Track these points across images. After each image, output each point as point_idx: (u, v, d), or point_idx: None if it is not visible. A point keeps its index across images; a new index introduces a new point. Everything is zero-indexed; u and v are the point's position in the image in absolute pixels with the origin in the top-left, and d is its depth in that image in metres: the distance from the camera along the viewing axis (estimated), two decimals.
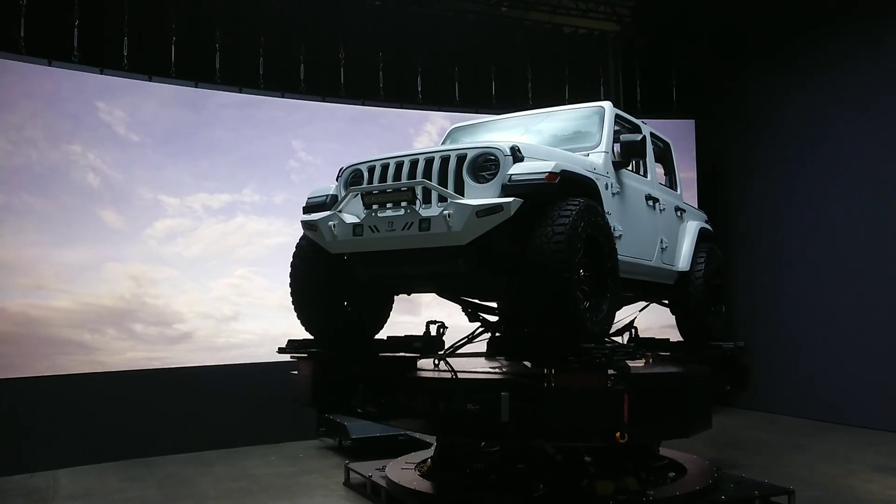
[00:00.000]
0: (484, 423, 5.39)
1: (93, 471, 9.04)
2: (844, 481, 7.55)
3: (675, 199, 7.71)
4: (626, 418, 5.13)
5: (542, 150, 5.71)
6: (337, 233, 5.62)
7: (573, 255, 5.04)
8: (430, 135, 12.15)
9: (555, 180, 5.11)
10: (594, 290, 5.42)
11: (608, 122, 6.44)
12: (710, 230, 8.32)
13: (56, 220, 9.68)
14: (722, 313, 8.19)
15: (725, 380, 7.74)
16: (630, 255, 6.32)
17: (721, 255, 8.28)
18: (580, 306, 5.12)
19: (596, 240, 5.34)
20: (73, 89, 9.90)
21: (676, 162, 8.05)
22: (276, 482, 8.36)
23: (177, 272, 10.44)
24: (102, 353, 9.85)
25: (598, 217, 5.40)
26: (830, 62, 11.20)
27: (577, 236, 5.07)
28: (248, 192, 11.04)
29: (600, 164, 6.08)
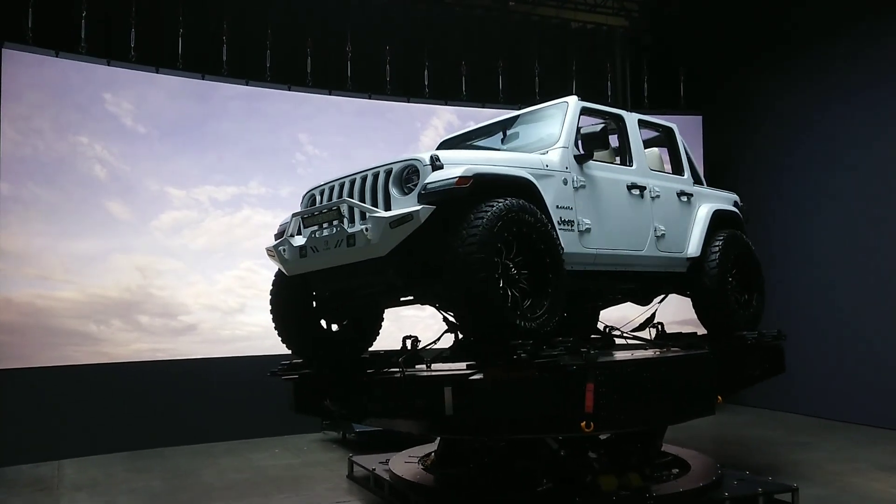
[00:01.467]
0: (431, 419, 5.53)
1: (98, 461, 9.08)
2: (849, 479, 7.53)
3: (680, 183, 7.42)
4: (591, 408, 5.27)
5: (472, 156, 5.82)
6: (287, 256, 5.92)
7: (489, 255, 5.10)
8: (437, 129, 12.13)
9: (466, 184, 5.19)
10: (533, 287, 5.45)
11: (570, 117, 6.43)
12: (735, 212, 7.92)
13: (63, 210, 9.71)
14: (751, 302, 7.69)
15: (754, 365, 7.57)
16: (606, 247, 6.29)
17: (746, 240, 7.79)
18: (505, 305, 5.18)
19: (528, 238, 5.38)
20: (80, 80, 9.92)
21: (684, 146, 7.79)
22: (280, 474, 8.38)
23: (183, 264, 10.46)
24: (108, 344, 9.89)
25: (528, 215, 5.37)
26: (838, 57, 11.13)
27: (493, 237, 5.13)
28: (255, 185, 11.05)
29: (556, 160, 6.10)
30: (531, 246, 5.40)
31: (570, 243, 5.91)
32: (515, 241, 5.30)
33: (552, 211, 5.81)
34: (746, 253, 7.69)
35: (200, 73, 10.78)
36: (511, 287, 5.28)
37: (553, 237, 5.57)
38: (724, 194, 8.09)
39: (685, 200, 7.34)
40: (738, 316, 7.47)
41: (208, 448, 9.79)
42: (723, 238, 7.39)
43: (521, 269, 5.38)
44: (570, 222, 6.00)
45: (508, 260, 5.29)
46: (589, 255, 6.15)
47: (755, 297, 7.76)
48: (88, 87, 9.98)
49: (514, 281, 5.32)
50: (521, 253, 5.35)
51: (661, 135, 7.81)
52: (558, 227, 5.82)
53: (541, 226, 5.46)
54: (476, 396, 5.18)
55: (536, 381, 5.20)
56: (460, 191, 5.19)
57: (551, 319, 5.49)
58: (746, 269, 7.66)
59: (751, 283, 7.72)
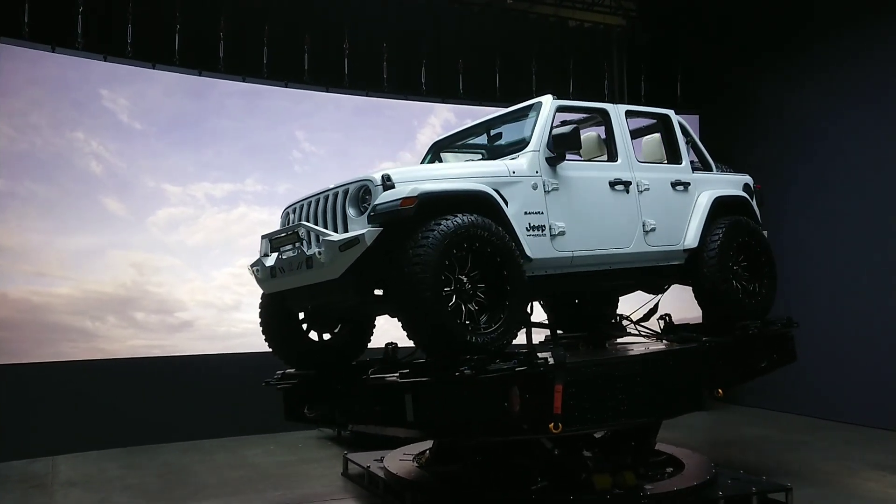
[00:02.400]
0: (395, 423, 5.62)
1: (92, 457, 9.08)
2: (843, 479, 7.55)
3: (676, 172, 7.20)
4: (559, 409, 5.36)
5: (427, 172, 5.81)
6: (261, 276, 6.13)
7: (434, 274, 5.14)
8: (434, 127, 12.13)
9: (410, 205, 5.23)
10: (492, 300, 5.49)
11: (542, 118, 6.34)
12: (742, 197, 7.64)
13: (59, 206, 9.70)
14: (759, 291, 7.42)
15: (761, 356, 7.37)
16: (584, 248, 6.25)
17: (753, 226, 7.50)
18: (453, 322, 5.22)
19: (482, 252, 5.40)
20: (76, 76, 9.91)
21: (688, 132, 7.56)
22: (275, 472, 8.38)
23: (179, 261, 10.46)
24: (104, 340, 9.89)
25: (480, 229, 5.38)
26: (837, 56, 11.13)
27: (440, 255, 5.17)
28: (251, 182, 11.04)
29: (524, 165, 6.07)
30: (486, 260, 5.43)
31: (541, 248, 5.92)
32: (470, 256, 5.35)
33: (520, 218, 5.83)
34: (753, 239, 7.42)
35: (197, 70, 10.77)
36: (466, 302, 5.36)
37: (511, 249, 5.53)
38: (732, 178, 7.81)
39: (681, 190, 7.14)
40: (743, 305, 7.23)
41: (203, 444, 9.79)
42: (724, 226, 7.17)
43: (477, 283, 5.43)
44: (540, 227, 5.97)
45: (463, 275, 5.36)
46: (564, 258, 6.12)
47: (764, 285, 7.50)
48: (85, 83, 9.97)
49: (470, 296, 5.40)
50: (476, 267, 5.41)
51: (656, 123, 7.61)
52: (527, 233, 5.84)
53: (496, 239, 5.44)
54: (436, 403, 5.29)
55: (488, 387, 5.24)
56: (406, 211, 5.24)
57: (509, 331, 5.53)
58: (754, 255, 7.42)
59: (760, 270, 7.47)
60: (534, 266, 5.91)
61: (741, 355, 7.18)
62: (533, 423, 5.45)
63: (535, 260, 5.86)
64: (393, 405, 5.48)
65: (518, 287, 5.55)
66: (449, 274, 5.29)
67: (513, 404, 5.30)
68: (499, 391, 5.28)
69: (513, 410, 5.30)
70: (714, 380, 6.83)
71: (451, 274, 5.31)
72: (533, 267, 5.90)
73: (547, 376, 5.47)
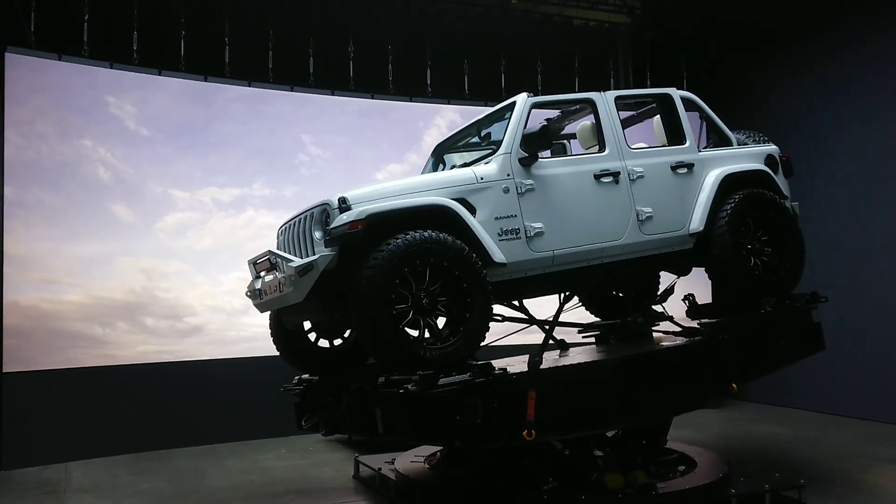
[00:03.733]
0: (370, 434, 5.79)
1: (104, 463, 9.11)
2: (856, 475, 7.51)
3: (678, 154, 6.95)
4: (532, 416, 5.45)
5: (386, 190, 5.81)
6: (251, 298, 6.39)
7: (384, 293, 5.24)
8: (440, 128, 12.13)
9: (358, 228, 5.33)
10: (454, 312, 5.53)
11: (513, 119, 6.29)
12: (760, 170, 7.25)
13: (67, 214, 9.74)
14: (783, 265, 7.02)
15: (781, 344, 6.99)
16: (567, 245, 6.19)
17: (770, 197, 7.08)
18: (405, 339, 5.33)
19: (439, 266, 5.44)
20: (83, 84, 9.95)
21: (683, 112, 7.21)
22: (286, 475, 8.39)
23: (187, 266, 10.49)
24: (114, 346, 9.92)
25: (434, 244, 5.41)
26: (843, 55, 11.09)
27: (389, 274, 5.25)
28: (258, 186, 11.06)
29: (494, 170, 6.04)
30: (444, 274, 5.46)
31: (515, 252, 5.90)
32: (428, 271, 5.40)
33: (490, 224, 5.83)
34: (772, 211, 7.04)
35: (203, 75, 10.80)
36: (425, 316, 5.43)
37: (470, 261, 5.51)
38: (752, 150, 7.46)
39: (684, 172, 6.88)
40: (762, 282, 6.88)
41: (214, 449, 9.81)
42: (733, 202, 6.84)
43: (437, 297, 5.47)
44: (514, 231, 5.93)
45: (422, 290, 5.41)
46: (544, 258, 6.07)
47: (789, 258, 7.07)
48: (91, 91, 10.02)
49: (428, 310, 5.45)
50: (435, 281, 5.45)
51: (655, 106, 7.45)
52: (499, 238, 5.84)
53: (452, 252, 5.45)
54: (401, 415, 5.45)
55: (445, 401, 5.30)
56: (355, 234, 5.33)
57: (470, 342, 5.53)
58: (775, 228, 7.05)
59: (784, 243, 7.07)
60: (510, 270, 5.91)
61: (759, 343, 6.85)
62: (507, 431, 5.51)
63: (511, 264, 5.86)
64: (367, 416, 5.67)
65: (479, 299, 5.55)
66: (405, 290, 5.35)
67: (473, 415, 5.36)
68: (455, 404, 5.32)
69: (473, 421, 5.37)
70: (725, 374, 6.58)
71: (409, 290, 5.37)
72: (509, 271, 5.91)
73: (518, 385, 5.54)
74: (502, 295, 6.35)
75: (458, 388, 5.26)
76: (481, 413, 5.38)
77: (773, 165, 7.45)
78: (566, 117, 7.30)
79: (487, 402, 5.42)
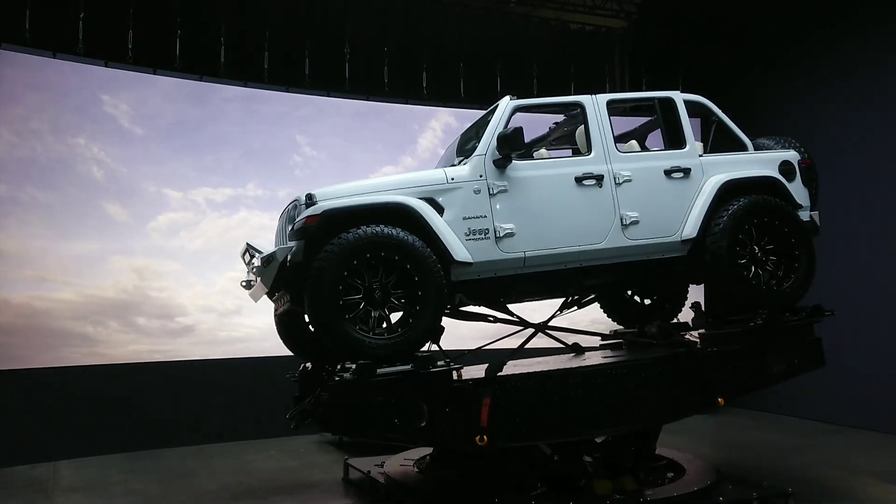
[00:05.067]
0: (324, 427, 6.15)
1: (94, 462, 9.09)
2: (845, 484, 7.52)
3: (674, 159, 6.82)
4: (485, 422, 5.67)
5: (352, 188, 6.10)
6: (245, 287, 6.53)
7: (333, 283, 5.54)
8: (435, 131, 12.14)
9: (314, 222, 5.69)
10: (403, 306, 5.76)
11: (493, 121, 6.42)
12: (769, 177, 6.97)
13: (60, 212, 9.72)
14: (787, 276, 6.78)
15: (776, 359, 6.75)
16: (540, 247, 6.25)
17: (777, 204, 6.79)
18: (351, 328, 5.57)
19: (390, 260, 5.69)
20: (77, 82, 9.93)
21: (685, 116, 7.01)
22: (276, 477, 8.38)
23: (180, 265, 10.47)
24: (105, 345, 9.90)
25: (386, 239, 5.66)
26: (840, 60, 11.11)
27: (337, 265, 5.55)
28: (252, 187, 11.05)
29: (465, 171, 6.22)
30: (396, 268, 5.71)
31: (483, 252, 6.04)
32: (381, 265, 5.68)
33: (458, 223, 6.01)
34: (778, 220, 6.76)
35: (198, 75, 10.79)
36: (376, 308, 5.68)
37: (423, 256, 5.71)
38: (766, 156, 7.19)
39: (680, 177, 6.76)
40: (759, 293, 6.64)
41: (205, 449, 9.79)
42: (731, 207, 6.64)
43: (388, 290, 5.72)
44: (482, 231, 6.08)
45: (375, 283, 5.68)
46: (514, 259, 6.16)
47: (795, 270, 6.81)
48: (86, 89, 10.00)
49: (380, 302, 5.70)
50: (390, 274, 5.71)
51: (653, 108, 7.29)
52: (466, 237, 6.00)
53: (404, 247, 5.68)
54: (343, 407, 5.71)
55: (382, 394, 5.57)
56: (310, 228, 5.68)
57: (418, 335, 5.73)
58: (780, 238, 6.79)
59: (791, 253, 6.82)
60: (477, 269, 6.06)
61: (749, 357, 6.66)
62: (459, 435, 5.73)
63: (477, 263, 6.01)
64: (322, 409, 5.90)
65: (430, 294, 5.74)
66: (358, 282, 5.63)
67: (416, 416, 5.63)
68: (397, 403, 5.60)
69: (416, 422, 5.63)
70: (712, 388, 6.46)
71: (361, 282, 5.65)
72: (476, 270, 6.07)
73: (471, 390, 5.77)
74: (476, 295, 6.54)
75: (399, 382, 5.56)
76: (426, 415, 5.63)
77: (788, 172, 7.15)
78: (573, 121, 7.30)
79: (437, 404, 5.66)
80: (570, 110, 7.12)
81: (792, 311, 6.87)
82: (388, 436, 5.97)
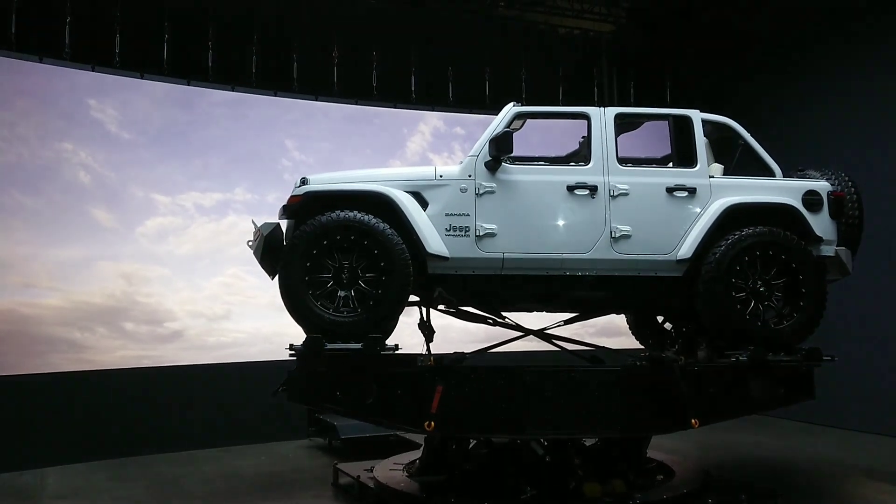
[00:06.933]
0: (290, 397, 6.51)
1: (81, 469, 9.00)
2: (833, 484, 7.56)
3: (680, 176, 6.68)
4: (435, 409, 5.97)
5: (344, 175, 6.59)
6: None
7: (301, 261, 6.06)
8: (424, 135, 12.15)
9: (296, 202, 6.29)
10: (374, 286, 6.13)
11: (492, 125, 6.60)
12: (779, 205, 6.65)
13: (47, 218, 9.65)
14: (791, 315, 6.51)
15: (761, 389, 6.54)
16: (521, 250, 6.36)
17: (787, 238, 6.46)
18: (314, 304, 6.07)
19: (360, 244, 6.11)
20: (64, 87, 9.88)
21: (700, 135, 6.95)
22: (265, 482, 8.34)
23: (168, 271, 10.42)
24: (93, 351, 9.83)
25: (358, 224, 6.07)
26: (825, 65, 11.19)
27: (307, 244, 6.06)
28: (241, 191, 11.02)
29: (455, 170, 6.50)
30: (366, 252, 6.12)
31: (461, 248, 6.31)
32: (353, 249, 6.13)
33: (439, 218, 6.32)
34: (787, 254, 6.46)
35: (186, 79, 10.74)
36: (344, 288, 6.15)
37: (393, 244, 6.08)
38: (784, 183, 6.86)
39: (683, 196, 6.58)
40: (753, 330, 6.39)
41: (193, 455, 9.72)
42: (735, 235, 6.42)
43: (357, 272, 6.16)
44: (463, 228, 6.33)
45: (346, 264, 6.15)
46: (492, 259, 6.36)
47: (798, 310, 6.48)
48: (73, 94, 9.94)
49: (347, 284, 6.16)
50: (363, 257, 6.14)
51: (669, 125, 7.22)
52: (446, 233, 6.30)
53: (375, 233, 6.08)
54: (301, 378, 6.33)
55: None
56: (293, 206, 6.30)
57: (377, 317, 6.12)
58: (788, 273, 6.51)
59: (797, 291, 6.49)
60: (454, 265, 6.33)
61: (731, 383, 6.51)
62: (409, 418, 6.21)
63: (454, 259, 6.28)
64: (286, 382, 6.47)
65: (395, 279, 6.10)
66: (328, 261, 6.12)
67: (364, 394, 6.11)
68: (343, 380, 6.15)
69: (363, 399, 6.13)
70: (688, 408, 6.26)
71: (332, 261, 6.13)
72: (453, 266, 6.34)
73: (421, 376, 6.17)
74: (455, 291, 6.74)
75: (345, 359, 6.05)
76: (375, 393, 6.12)
77: (813, 203, 6.75)
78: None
79: (389, 386, 6.15)
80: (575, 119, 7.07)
81: (787, 350, 6.53)
82: (331, 407, 6.50)
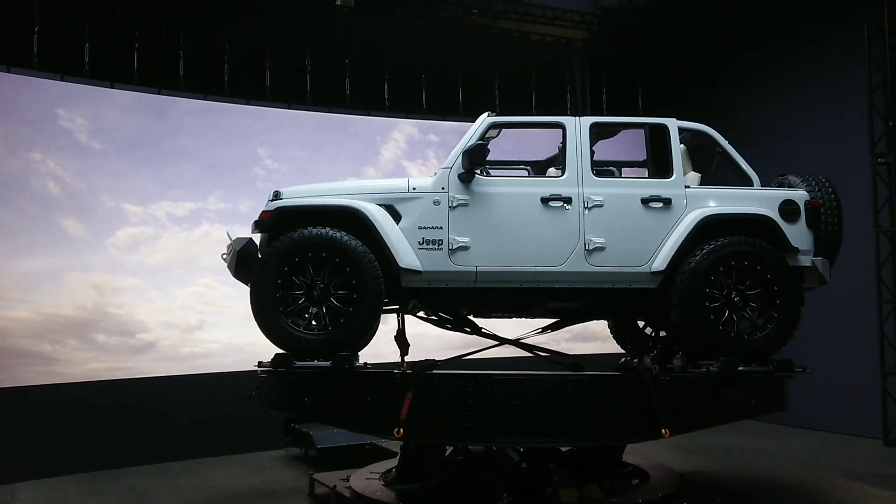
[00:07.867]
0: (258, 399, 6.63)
1: (53, 484, 8.86)
2: (810, 486, 7.62)
3: (655, 187, 6.62)
4: (405, 415, 5.97)
5: (319, 188, 6.61)
6: None
7: (272, 277, 6.08)
8: (398, 142, 12.12)
9: (267, 217, 6.31)
10: (346, 303, 6.14)
11: (467, 136, 6.56)
12: (755, 215, 6.56)
13: (15, 228, 9.50)
14: (764, 326, 6.48)
15: (731, 400, 6.46)
16: (494, 263, 6.34)
17: (762, 248, 6.40)
18: (283, 321, 6.10)
19: (331, 261, 6.11)
20: (32, 96, 9.74)
21: (676, 144, 6.94)
22: (241, 493, 8.27)
23: (140, 281, 10.29)
24: (63, 363, 9.68)
25: (330, 241, 6.08)
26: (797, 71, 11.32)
27: (279, 260, 6.08)
28: (213, 200, 10.93)
29: (428, 183, 6.45)
30: (338, 269, 6.11)
31: (434, 262, 6.27)
32: (327, 265, 6.12)
33: (412, 231, 6.28)
34: (762, 265, 6.41)
35: (157, 88, 10.64)
36: (315, 305, 6.17)
37: (364, 260, 6.07)
38: (761, 193, 6.82)
39: (658, 207, 6.51)
40: (725, 340, 6.37)
41: (167, 467, 9.60)
42: (709, 246, 6.37)
43: (329, 289, 6.16)
44: (436, 241, 6.30)
45: (318, 280, 6.14)
46: (465, 272, 6.32)
47: (773, 321, 6.45)
48: (41, 103, 9.80)
49: (319, 300, 6.17)
50: (335, 274, 6.13)
51: (645, 134, 7.25)
52: (419, 246, 6.26)
53: (346, 250, 6.07)
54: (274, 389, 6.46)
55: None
56: (264, 222, 6.32)
57: (347, 333, 6.14)
58: (762, 284, 6.46)
59: (771, 301, 6.46)
60: (427, 278, 6.31)
61: (701, 395, 6.46)
62: (380, 424, 6.20)
63: (427, 272, 6.25)
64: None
65: (367, 295, 6.10)
66: (301, 277, 6.13)
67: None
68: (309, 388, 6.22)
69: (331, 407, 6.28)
70: (659, 418, 6.21)
71: (304, 278, 6.14)
72: (426, 279, 6.31)
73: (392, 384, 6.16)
74: (430, 304, 6.80)
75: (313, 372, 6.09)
76: (344, 401, 6.19)
77: (790, 213, 6.66)
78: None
79: (359, 393, 6.19)
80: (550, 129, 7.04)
81: (761, 361, 6.52)
82: (299, 413, 6.84)
